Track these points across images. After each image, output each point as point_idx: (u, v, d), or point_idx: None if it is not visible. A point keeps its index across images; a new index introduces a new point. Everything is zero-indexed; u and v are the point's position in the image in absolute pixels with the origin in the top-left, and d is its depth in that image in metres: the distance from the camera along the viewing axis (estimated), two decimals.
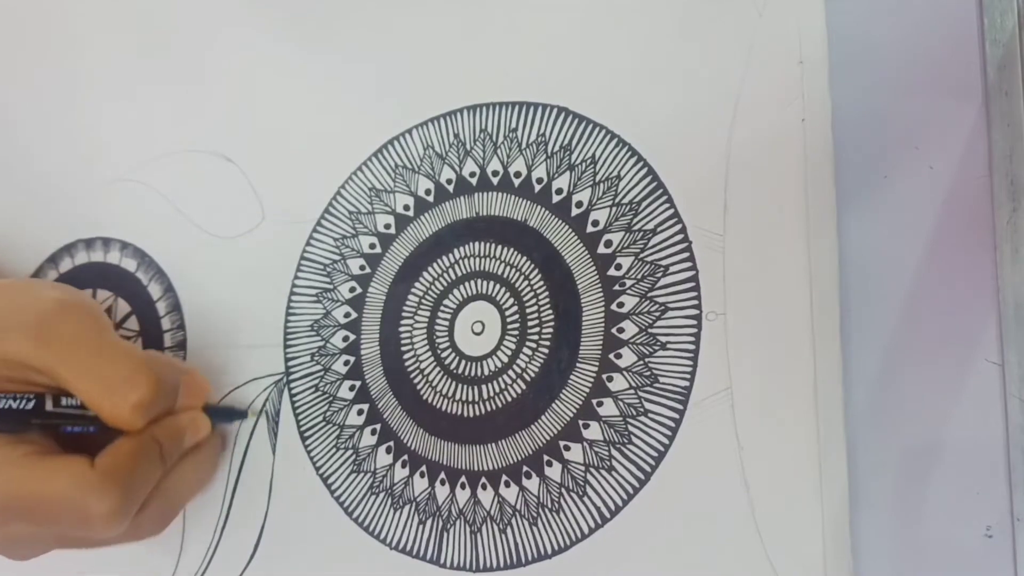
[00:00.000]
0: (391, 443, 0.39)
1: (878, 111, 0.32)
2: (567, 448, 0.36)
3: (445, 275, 0.39)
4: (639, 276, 0.36)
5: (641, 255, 0.36)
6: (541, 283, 0.37)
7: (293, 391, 0.41)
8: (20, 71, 0.50)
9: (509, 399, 0.37)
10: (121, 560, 0.42)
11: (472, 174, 0.40)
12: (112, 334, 0.36)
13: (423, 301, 0.40)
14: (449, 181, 0.40)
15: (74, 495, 0.33)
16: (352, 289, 0.41)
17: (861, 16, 0.33)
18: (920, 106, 0.34)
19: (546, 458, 0.36)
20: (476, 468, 0.37)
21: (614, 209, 0.37)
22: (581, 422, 0.36)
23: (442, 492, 0.37)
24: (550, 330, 0.37)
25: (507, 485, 0.36)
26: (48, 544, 0.36)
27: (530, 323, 0.37)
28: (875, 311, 0.33)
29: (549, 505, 0.35)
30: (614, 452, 0.35)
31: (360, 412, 0.40)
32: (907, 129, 0.34)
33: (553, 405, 0.36)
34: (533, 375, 0.37)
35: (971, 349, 0.32)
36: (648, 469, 0.34)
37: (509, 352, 0.38)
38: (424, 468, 0.38)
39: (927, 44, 0.34)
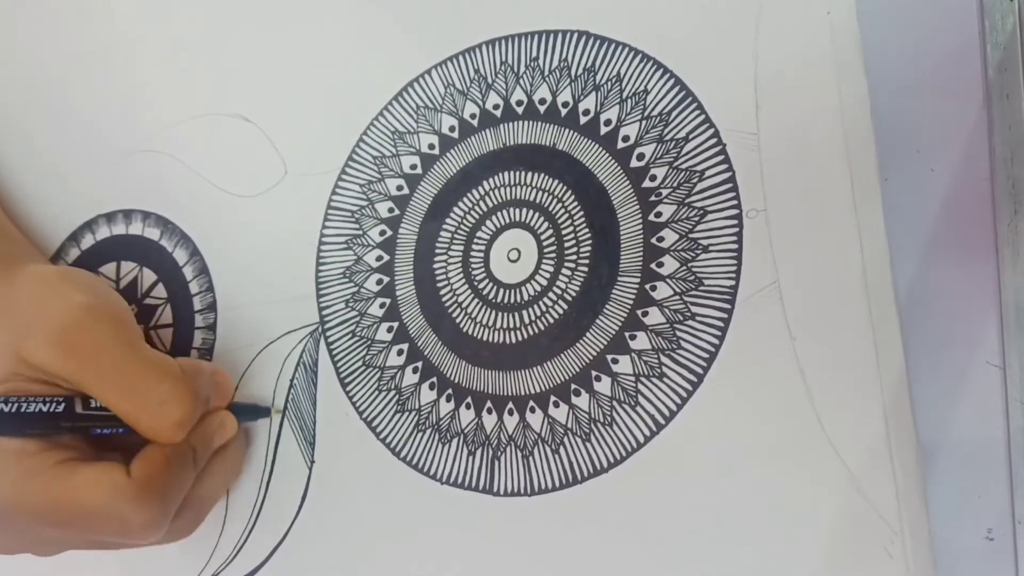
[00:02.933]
0: (434, 379, 0.38)
1: (879, 113, 0.33)
2: (615, 361, 0.35)
3: (476, 208, 0.39)
4: (675, 184, 0.36)
5: (675, 163, 0.36)
6: (575, 203, 0.37)
7: (329, 339, 0.41)
8: (29, 53, 0.50)
9: (551, 320, 0.37)
10: None
11: (496, 106, 0.40)
12: (142, 345, 0.35)
13: (456, 236, 0.39)
14: (473, 116, 0.40)
15: (113, 506, 0.33)
16: (383, 232, 0.41)
17: (861, 19, 0.33)
18: (921, 109, 0.34)
19: (594, 374, 0.36)
20: (523, 393, 0.37)
21: (644, 122, 0.37)
22: (627, 334, 0.35)
23: (490, 421, 0.37)
24: (588, 248, 0.37)
25: (556, 406, 0.36)
26: (78, 546, 0.36)
27: (567, 244, 0.37)
28: None
29: (601, 419, 0.35)
30: (664, 359, 0.35)
31: (400, 352, 0.39)
32: (908, 132, 0.34)
33: (597, 321, 0.36)
34: (574, 294, 0.37)
35: (972, 352, 0.32)
36: (700, 371, 0.34)
37: (548, 275, 0.37)
38: (469, 399, 0.38)
39: (928, 47, 0.34)
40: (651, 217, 0.36)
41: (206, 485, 0.38)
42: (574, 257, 0.37)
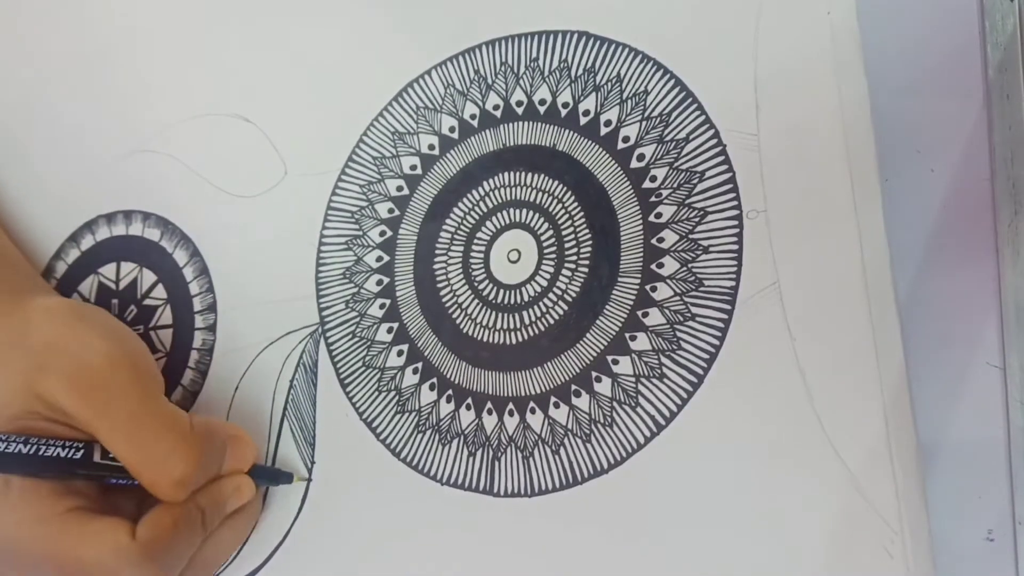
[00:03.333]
0: (434, 380, 0.38)
1: (879, 113, 0.33)
2: (615, 362, 0.35)
3: (476, 208, 0.39)
4: (675, 185, 0.36)
5: (675, 164, 0.36)
6: (575, 204, 0.37)
7: (329, 340, 0.41)
8: (29, 52, 0.50)
9: (552, 321, 0.37)
10: None
11: (496, 107, 0.40)
12: (159, 397, 0.35)
13: (456, 236, 0.39)
14: (473, 116, 0.40)
15: (112, 568, 0.32)
16: (382, 233, 0.41)
17: (862, 19, 0.33)
18: (921, 109, 0.34)
19: (594, 374, 0.36)
20: (523, 394, 0.37)
21: (644, 123, 0.37)
22: (627, 335, 0.35)
23: (490, 421, 0.37)
24: (588, 249, 0.37)
25: (556, 406, 0.36)
26: None
27: (567, 244, 0.37)
28: None
29: (601, 420, 0.35)
30: (664, 360, 0.35)
31: (400, 353, 0.39)
32: (908, 132, 0.34)
33: (597, 321, 0.36)
34: (574, 295, 0.37)
35: (972, 352, 0.32)
36: (700, 372, 0.34)
37: (548, 275, 0.37)
38: (470, 400, 0.38)
39: (928, 47, 0.34)
40: (651, 218, 0.36)
41: (213, 548, 0.37)
42: (574, 258, 0.37)
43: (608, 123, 0.37)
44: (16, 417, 0.34)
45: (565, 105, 0.38)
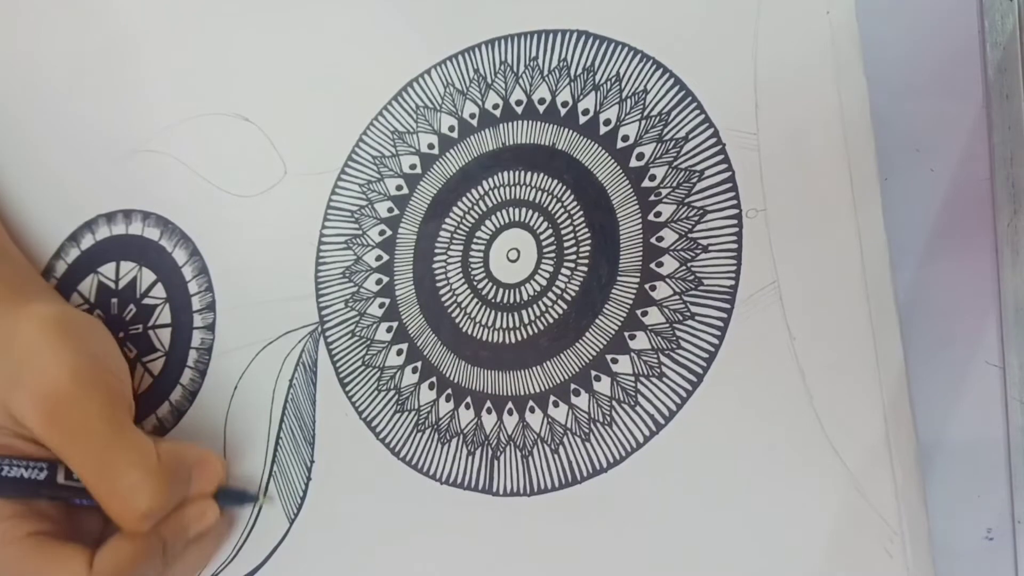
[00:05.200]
0: (433, 379, 0.38)
1: (878, 113, 0.33)
2: (614, 361, 0.35)
3: (475, 208, 0.39)
4: (674, 184, 0.36)
5: (675, 163, 0.36)
6: (574, 203, 0.37)
7: (329, 339, 0.41)
8: (29, 52, 0.50)
9: (551, 320, 0.37)
10: None
11: (495, 106, 0.40)
12: (127, 424, 0.35)
13: (455, 235, 0.39)
14: (472, 116, 0.40)
15: None
16: (382, 232, 0.41)
17: (861, 18, 0.33)
18: (920, 109, 0.34)
19: (594, 374, 0.36)
20: (522, 393, 0.37)
21: (643, 122, 0.37)
22: (627, 334, 0.35)
23: (489, 421, 0.37)
24: (587, 248, 0.37)
25: (555, 405, 0.36)
26: None
27: (566, 243, 0.37)
28: None
29: (600, 419, 0.35)
30: (663, 359, 0.35)
31: (399, 352, 0.39)
32: (908, 131, 0.34)
33: (596, 320, 0.36)
34: (574, 294, 0.37)
35: (971, 351, 0.32)
36: (700, 371, 0.34)
37: (547, 274, 0.37)
38: (469, 399, 0.38)
39: (927, 46, 0.34)
40: (651, 217, 0.36)
41: (176, 572, 0.37)
42: (573, 257, 0.37)
43: (607, 122, 0.37)
44: None
45: (564, 104, 0.38)
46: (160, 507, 0.34)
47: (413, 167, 0.41)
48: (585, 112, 0.38)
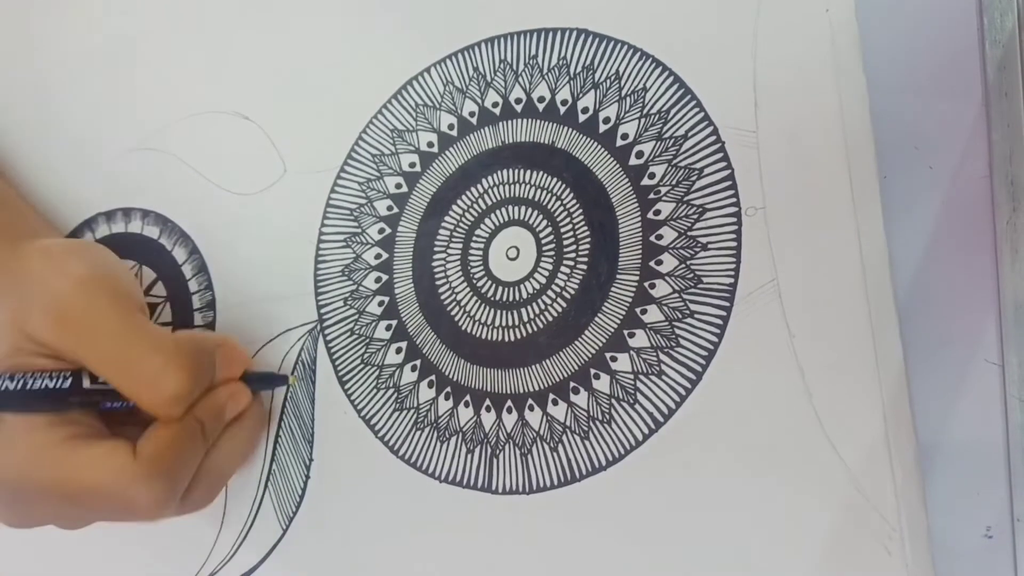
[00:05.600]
0: (432, 377, 0.38)
1: (878, 111, 0.33)
2: (614, 359, 0.35)
3: (475, 206, 0.39)
4: (674, 182, 0.36)
5: (674, 161, 0.36)
6: (574, 201, 0.37)
7: (328, 337, 0.41)
8: (29, 51, 0.50)
9: (550, 318, 0.37)
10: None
11: (495, 104, 0.40)
12: (138, 317, 0.35)
13: (454, 234, 0.39)
14: (472, 114, 0.40)
15: (117, 488, 0.32)
16: (381, 230, 0.41)
17: (861, 17, 0.33)
18: (920, 106, 0.34)
19: (593, 372, 0.36)
20: (521, 391, 0.37)
21: (643, 120, 0.37)
22: (626, 332, 0.35)
23: (488, 419, 0.37)
24: (587, 246, 0.37)
25: (555, 403, 0.36)
26: (94, 520, 0.35)
27: (566, 241, 0.37)
28: None
29: (600, 417, 0.35)
30: (662, 357, 0.34)
31: (399, 350, 0.39)
32: (907, 129, 0.34)
33: (596, 319, 0.36)
34: (573, 292, 0.37)
35: (971, 349, 0.32)
36: (699, 369, 0.34)
37: (547, 272, 0.37)
38: (468, 397, 0.38)
39: (926, 44, 0.34)
40: (650, 215, 0.36)
41: (219, 457, 0.37)
42: (573, 255, 0.37)
43: (607, 120, 0.37)
44: (6, 356, 0.34)
45: (564, 102, 0.38)
46: (188, 388, 0.34)
47: (412, 165, 0.41)
48: (584, 110, 0.38)
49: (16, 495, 0.33)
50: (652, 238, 0.36)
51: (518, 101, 0.39)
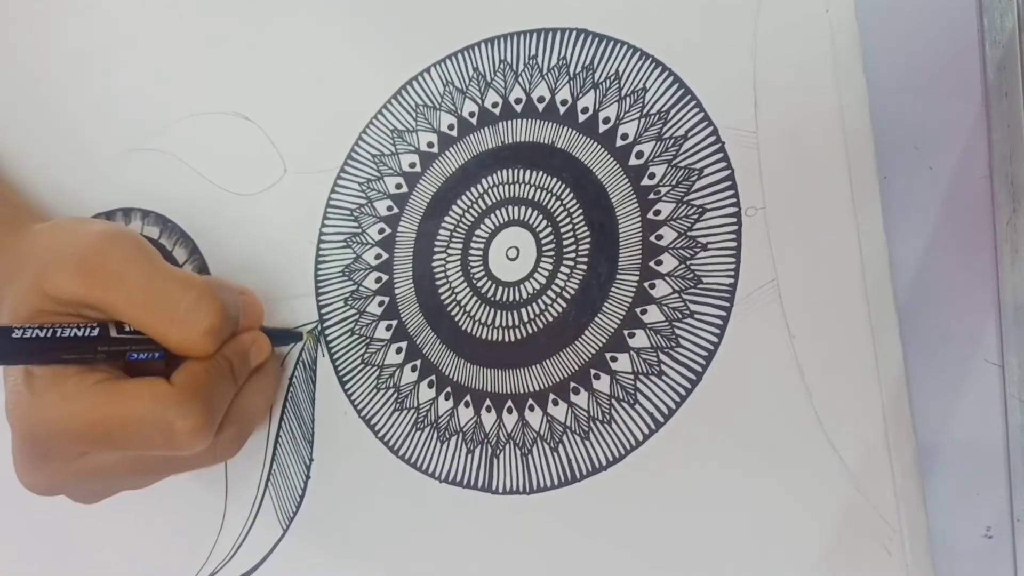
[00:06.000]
0: (432, 377, 0.38)
1: (878, 111, 0.33)
2: (614, 359, 0.35)
3: (475, 206, 0.39)
4: (674, 182, 0.36)
5: (674, 161, 0.36)
6: (574, 201, 0.37)
7: (328, 337, 0.41)
8: (29, 51, 0.50)
9: (550, 319, 0.37)
10: (168, 517, 0.42)
11: (495, 104, 0.40)
12: (164, 262, 0.35)
13: (454, 234, 0.39)
14: (472, 114, 0.40)
15: (158, 413, 0.32)
16: (381, 231, 0.41)
17: (861, 17, 0.33)
18: (920, 107, 0.34)
19: (593, 372, 0.36)
20: (522, 391, 0.37)
21: (643, 120, 0.37)
22: (626, 332, 0.35)
23: (488, 419, 0.37)
24: (587, 246, 0.37)
25: (555, 404, 0.36)
26: (123, 477, 0.35)
27: (566, 242, 0.37)
28: None
29: (600, 417, 0.35)
30: (663, 357, 0.35)
31: (399, 350, 0.39)
32: (907, 130, 0.34)
33: (596, 319, 0.36)
34: (573, 292, 0.37)
35: (971, 350, 0.32)
36: (699, 369, 0.34)
37: (546, 272, 0.37)
38: (468, 397, 0.38)
39: (927, 45, 0.34)
40: (650, 215, 0.36)
41: (247, 401, 0.37)
42: (573, 255, 0.37)
43: (607, 120, 0.37)
44: (27, 319, 0.33)
45: (564, 102, 0.38)
46: (220, 323, 0.34)
47: (412, 165, 0.41)
48: (584, 110, 0.38)
49: (49, 447, 0.33)
50: (652, 238, 0.36)
51: (518, 101, 0.39)
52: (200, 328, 0.34)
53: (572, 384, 0.36)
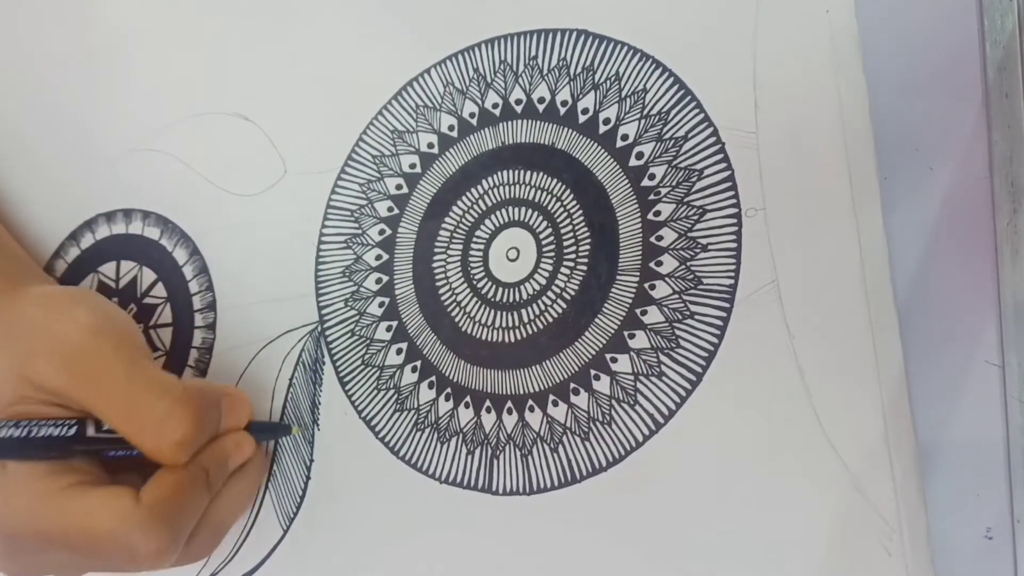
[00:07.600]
0: (432, 378, 0.38)
1: (878, 112, 0.33)
2: (614, 360, 0.35)
3: (475, 207, 0.39)
4: (674, 183, 0.36)
5: (674, 162, 0.36)
6: (574, 202, 0.37)
7: (329, 338, 0.41)
8: (29, 51, 0.50)
9: (550, 319, 0.37)
10: None
11: (495, 105, 0.40)
12: (147, 364, 0.35)
13: (455, 235, 0.39)
14: (472, 115, 0.40)
15: (120, 534, 0.32)
16: (382, 231, 0.41)
17: (861, 17, 0.33)
18: (920, 108, 0.34)
19: (593, 372, 0.36)
20: (522, 392, 0.37)
21: (643, 121, 0.37)
22: (626, 333, 0.35)
23: (488, 420, 0.37)
24: (587, 247, 0.37)
25: (555, 404, 0.36)
26: (92, 570, 0.35)
27: (566, 242, 0.37)
28: None
29: (600, 418, 0.35)
30: (663, 358, 0.35)
31: (399, 351, 0.39)
32: (907, 130, 0.34)
33: (596, 320, 0.36)
34: (573, 293, 0.37)
35: (971, 350, 0.32)
36: (699, 370, 0.34)
37: (547, 273, 0.37)
38: (468, 398, 0.38)
39: (927, 45, 0.34)
40: (650, 216, 0.36)
41: (222, 507, 0.37)
42: (573, 256, 0.37)
43: (607, 121, 0.37)
44: (9, 404, 0.34)
45: (564, 103, 0.38)
46: (193, 434, 0.34)
47: (413, 166, 0.41)
48: (584, 111, 0.38)
49: (17, 543, 0.33)
50: (652, 239, 0.36)
51: (518, 102, 0.39)
52: (171, 439, 0.33)
53: (572, 385, 0.36)
